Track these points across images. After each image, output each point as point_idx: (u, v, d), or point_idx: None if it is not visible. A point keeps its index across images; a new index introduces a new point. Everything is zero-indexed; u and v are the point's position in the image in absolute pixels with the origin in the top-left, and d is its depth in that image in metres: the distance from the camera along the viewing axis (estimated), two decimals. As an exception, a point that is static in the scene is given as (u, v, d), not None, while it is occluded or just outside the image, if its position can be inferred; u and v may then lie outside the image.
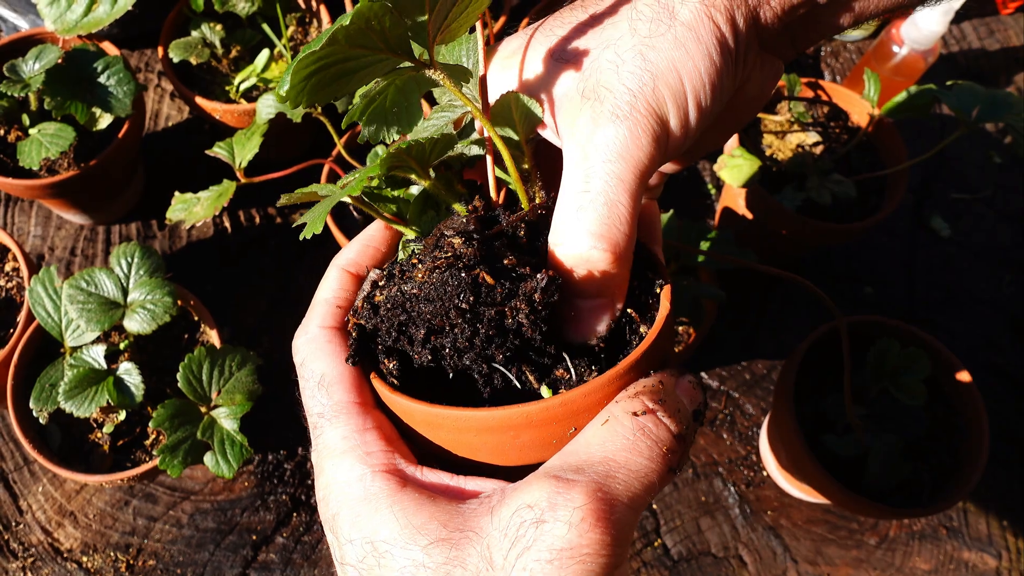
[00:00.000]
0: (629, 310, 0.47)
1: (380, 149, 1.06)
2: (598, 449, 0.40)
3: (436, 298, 0.43)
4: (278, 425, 1.29)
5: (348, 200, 0.52)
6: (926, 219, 1.55)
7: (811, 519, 1.27)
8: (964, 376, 1.12)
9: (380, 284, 0.48)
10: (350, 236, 1.24)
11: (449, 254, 0.44)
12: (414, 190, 0.57)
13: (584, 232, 0.43)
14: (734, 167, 1.23)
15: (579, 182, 0.43)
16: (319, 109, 1.17)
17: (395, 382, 0.46)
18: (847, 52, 1.74)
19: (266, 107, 1.21)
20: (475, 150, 0.53)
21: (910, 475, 1.09)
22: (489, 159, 0.51)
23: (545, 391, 0.45)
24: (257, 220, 1.48)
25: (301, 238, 0.48)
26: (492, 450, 0.46)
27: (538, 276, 0.43)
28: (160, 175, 1.52)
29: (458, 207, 0.52)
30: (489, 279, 0.43)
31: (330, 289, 0.50)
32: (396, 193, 0.57)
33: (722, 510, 1.27)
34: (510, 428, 0.43)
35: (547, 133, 0.50)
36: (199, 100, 1.33)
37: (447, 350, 0.44)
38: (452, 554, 0.39)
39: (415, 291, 0.44)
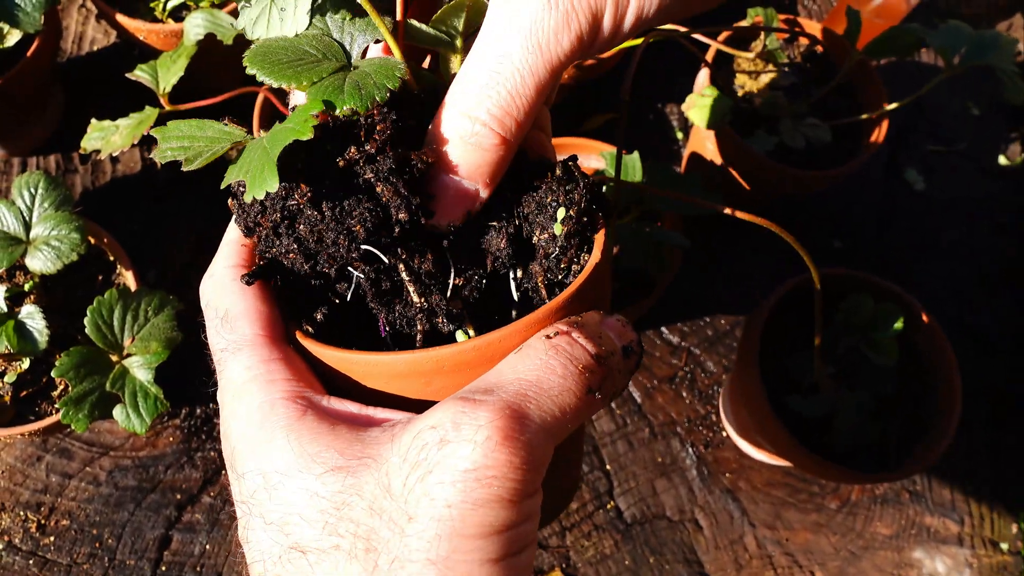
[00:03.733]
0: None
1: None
2: (509, 372, 0.38)
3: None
4: (206, 376, 1.19)
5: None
6: (900, 171, 1.48)
7: (771, 482, 1.21)
8: (937, 334, 1.06)
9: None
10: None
11: None
12: None
13: (482, 109, 0.41)
14: (703, 107, 1.14)
15: (492, 60, 0.40)
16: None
17: (310, 329, 0.44)
18: (825, -7, 1.65)
19: (195, 27, 1.09)
20: None
21: (878, 436, 1.03)
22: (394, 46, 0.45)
23: (460, 336, 0.42)
24: (189, 155, 1.36)
25: (249, 198, 0.41)
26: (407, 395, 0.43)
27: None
28: (84, 103, 1.39)
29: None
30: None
31: (237, 229, 0.47)
32: None
33: (679, 472, 1.21)
34: (421, 374, 0.40)
35: None
36: (120, 18, 1.20)
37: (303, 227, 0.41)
38: (348, 482, 0.36)
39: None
